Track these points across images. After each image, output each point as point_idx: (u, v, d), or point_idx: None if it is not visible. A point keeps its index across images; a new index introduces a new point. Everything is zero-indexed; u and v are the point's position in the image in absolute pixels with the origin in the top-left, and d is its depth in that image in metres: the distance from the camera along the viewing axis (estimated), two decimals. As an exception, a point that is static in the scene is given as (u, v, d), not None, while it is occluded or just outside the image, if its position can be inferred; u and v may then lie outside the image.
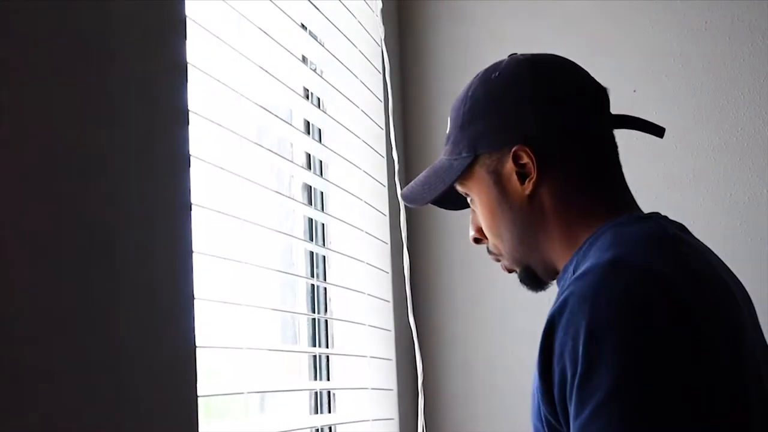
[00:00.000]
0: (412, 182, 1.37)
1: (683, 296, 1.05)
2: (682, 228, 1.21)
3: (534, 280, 1.30)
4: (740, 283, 1.22)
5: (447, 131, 1.32)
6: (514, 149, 1.22)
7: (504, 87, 1.26)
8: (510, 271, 1.32)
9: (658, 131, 1.30)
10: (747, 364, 1.08)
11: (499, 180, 1.25)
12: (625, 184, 1.27)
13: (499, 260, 1.32)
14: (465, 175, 1.28)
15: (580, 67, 1.28)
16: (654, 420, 0.99)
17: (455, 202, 1.37)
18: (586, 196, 1.23)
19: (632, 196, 1.27)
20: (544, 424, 1.11)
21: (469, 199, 1.31)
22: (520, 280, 1.31)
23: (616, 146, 1.27)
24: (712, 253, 1.21)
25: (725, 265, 1.21)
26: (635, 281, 1.05)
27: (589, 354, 1.01)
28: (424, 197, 1.34)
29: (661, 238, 1.15)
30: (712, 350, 1.04)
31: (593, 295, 1.04)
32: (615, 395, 0.99)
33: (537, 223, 1.24)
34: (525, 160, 1.22)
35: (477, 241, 1.33)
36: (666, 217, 1.23)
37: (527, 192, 1.23)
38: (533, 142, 1.22)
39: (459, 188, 1.31)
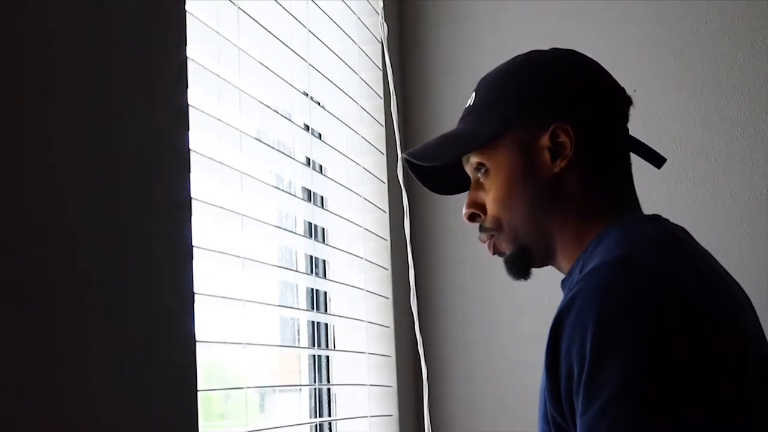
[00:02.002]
0: (422, 145, 1.34)
1: (691, 295, 1.05)
2: (684, 231, 1.22)
3: (524, 263, 1.27)
4: (739, 285, 1.22)
5: (470, 104, 1.30)
6: (554, 126, 1.22)
7: (553, 67, 1.27)
8: (496, 251, 1.29)
9: (657, 161, 1.31)
10: (751, 363, 1.08)
11: (528, 154, 1.24)
12: (634, 187, 1.28)
13: (491, 237, 1.29)
14: (489, 144, 1.26)
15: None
16: (661, 417, 0.99)
17: (447, 183, 1.37)
18: (606, 190, 1.24)
19: (638, 199, 1.27)
20: (551, 424, 1.11)
21: (481, 171, 1.28)
22: (509, 261, 1.28)
23: (630, 156, 1.29)
24: (712, 256, 1.22)
25: (724, 268, 1.22)
26: (643, 279, 1.06)
27: (597, 351, 1.01)
28: (437, 157, 1.31)
29: (666, 238, 1.16)
30: (719, 349, 1.05)
31: (602, 293, 1.05)
32: (623, 392, 1.00)
33: (556, 204, 1.24)
34: (563, 138, 1.22)
35: (472, 217, 1.30)
36: (667, 220, 1.23)
37: (556, 170, 1.23)
38: (576, 123, 1.22)
39: (474, 158, 1.28)
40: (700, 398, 1.01)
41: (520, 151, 1.25)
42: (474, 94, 1.31)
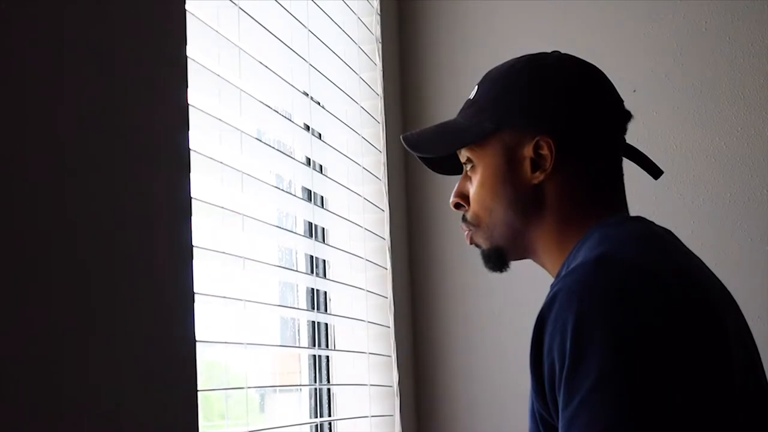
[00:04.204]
0: (417, 132, 1.38)
1: (669, 290, 1.06)
2: (668, 232, 1.23)
3: (498, 260, 1.31)
4: (723, 285, 1.23)
5: (471, 97, 1.32)
6: (538, 137, 1.23)
7: (550, 76, 1.27)
8: (473, 243, 1.33)
9: (655, 172, 1.32)
10: (732, 357, 1.09)
11: (511, 160, 1.26)
12: (623, 192, 1.28)
13: (470, 230, 1.32)
14: (479, 142, 1.28)
15: (614, 85, 1.30)
16: (640, 410, 1.00)
17: (444, 165, 1.39)
18: (587, 201, 1.25)
19: (626, 204, 1.28)
20: (538, 421, 1.12)
21: (469, 166, 1.31)
22: (484, 256, 1.32)
23: (621, 165, 1.29)
24: (695, 256, 1.23)
25: (708, 268, 1.23)
26: (622, 275, 1.07)
27: (577, 346, 1.02)
28: (429, 149, 1.35)
29: (646, 236, 1.17)
30: (699, 342, 1.05)
31: (581, 289, 1.06)
32: (601, 386, 1.00)
33: (533, 213, 1.26)
34: (545, 151, 1.23)
35: (457, 206, 1.34)
36: (652, 222, 1.25)
37: (534, 181, 1.24)
38: (559, 137, 1.23)
39: (465, 152, 1.31)
40: (678, 391, 1.01)
41: (504, 155, 1.27)
42: (477, 87, 1.32)
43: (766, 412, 1.17)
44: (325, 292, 1.98)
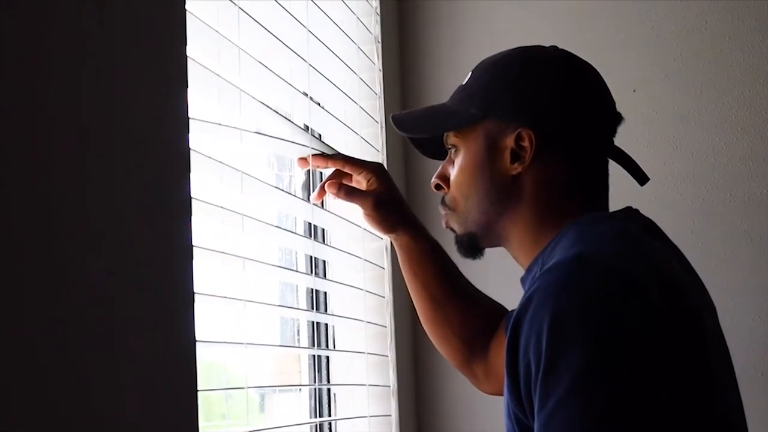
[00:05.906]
0: (407, 112, 1.43)
1: (646, 291, 1.06)
2: (649, 226, 1.23)
3: (470, 247, 1.33)
4: (703, 285, 1.23)
5: (464, 82, 1.34)
6: (520, 129, 1.24)
7: (540, 70, 1.29)
8: (448, 226, 1.36)
9: (641, 178, 1.33)
10: (710, 358, 1.09)
11: (492, 148, 1.27)
12: (605, 197, 1.28)
13: (446, 213, 1.35)
14: (463, 128, 1.30)
15: (607, 87, 1.30)
16: (617, 412, 0.99)
17: (431, 147, 1.42)
18: (565, 198, 1.26)
19: (607, 205, 1.28)
20: (513, 421, 1.12)
21: (452, 150, 1.33)
22: (457, 242, 1.35)
23: (607, 167, 1.30)
24: (678, 251, 1.23)
25: (690, 265, 1.23)
26: (599, 276, 1.07)
27: (553, 347, 1.02)
28: (415, 129, 1.39)
29: (622, 236, 1.18)
30: (676, 343, 1.05)
31: (558, 290, 1.06)
32: (578, 388, 1.00)
33: (509, 204, 1.27)
34: (526, 143, 1.24)
35: (438, 187, 1.36)
36: (636, 212, 1.24)
37: (513, 172, 1.26)
38: (543, 131, 1.24)
39: (450, 136, 1.33)
40: (654, 394, 1.01)
41: (486, 143, 1.28)
42: (470, 73, 1.34)
43: (742, 411, 1.17)
44: (326, 293, 1.98)
